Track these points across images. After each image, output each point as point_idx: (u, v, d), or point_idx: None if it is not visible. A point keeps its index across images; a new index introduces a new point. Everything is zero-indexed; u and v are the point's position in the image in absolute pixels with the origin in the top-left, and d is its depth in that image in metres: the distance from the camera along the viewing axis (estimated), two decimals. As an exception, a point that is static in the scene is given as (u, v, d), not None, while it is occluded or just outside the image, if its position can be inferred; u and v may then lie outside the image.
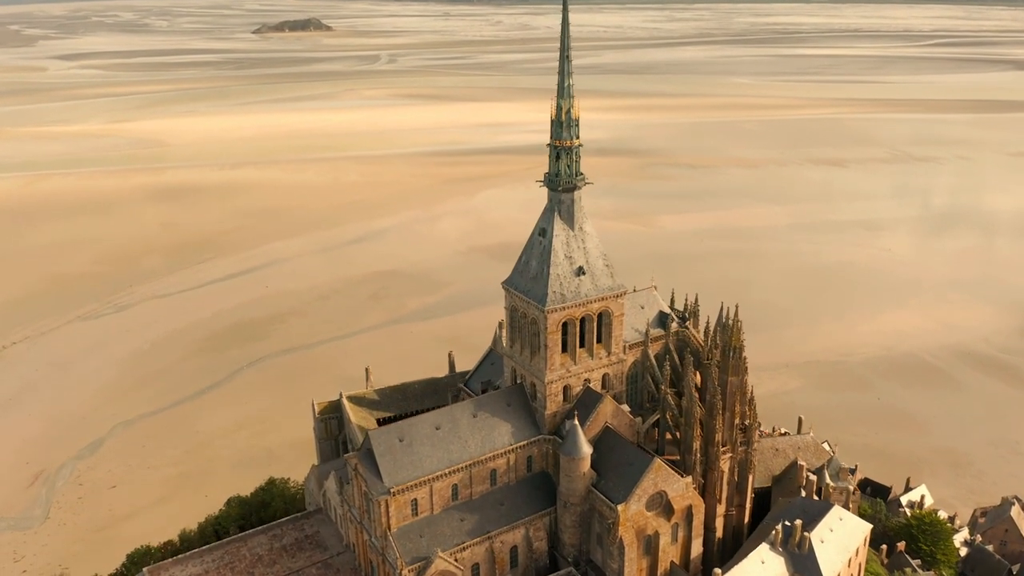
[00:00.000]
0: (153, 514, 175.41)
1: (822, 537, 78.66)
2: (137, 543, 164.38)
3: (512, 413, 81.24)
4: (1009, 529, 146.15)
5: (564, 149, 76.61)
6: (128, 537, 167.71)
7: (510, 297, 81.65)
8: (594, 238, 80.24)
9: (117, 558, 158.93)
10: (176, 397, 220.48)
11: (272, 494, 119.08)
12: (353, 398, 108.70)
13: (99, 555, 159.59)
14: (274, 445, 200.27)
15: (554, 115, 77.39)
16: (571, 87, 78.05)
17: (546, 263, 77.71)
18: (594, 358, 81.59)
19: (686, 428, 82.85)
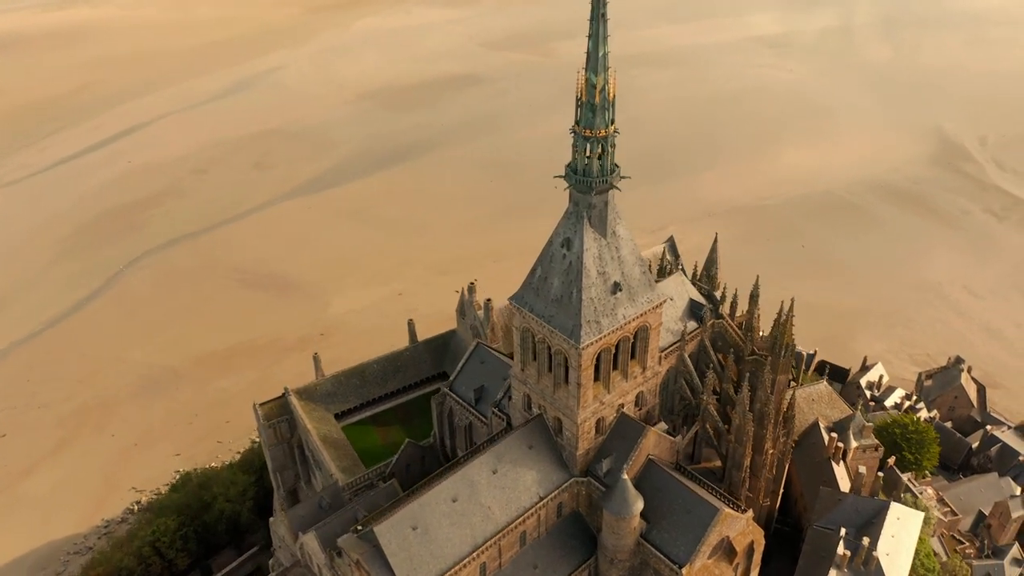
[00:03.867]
0: (55, 465, 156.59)
1: (887, 549, 71.66)
2: (43, 507, 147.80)
3: (535, 456, 67.64)
4: (959, 396, 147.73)
5: (596, 140, 58.21)
6: (32, 500, 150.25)
7: (522, 318, 65.40)
8: (629, 241, 63.90)
9: (24, 535, 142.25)
10: (50, 315, 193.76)
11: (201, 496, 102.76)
12: (302, 392, 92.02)
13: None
14: (177, 362, 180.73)
15: (582, 95, 58.09)
16: (606, 57, 58.51)
17: (575, 284, 61.32)
18: (628, 379, 67.88)
19: (736, 446, 71.71)
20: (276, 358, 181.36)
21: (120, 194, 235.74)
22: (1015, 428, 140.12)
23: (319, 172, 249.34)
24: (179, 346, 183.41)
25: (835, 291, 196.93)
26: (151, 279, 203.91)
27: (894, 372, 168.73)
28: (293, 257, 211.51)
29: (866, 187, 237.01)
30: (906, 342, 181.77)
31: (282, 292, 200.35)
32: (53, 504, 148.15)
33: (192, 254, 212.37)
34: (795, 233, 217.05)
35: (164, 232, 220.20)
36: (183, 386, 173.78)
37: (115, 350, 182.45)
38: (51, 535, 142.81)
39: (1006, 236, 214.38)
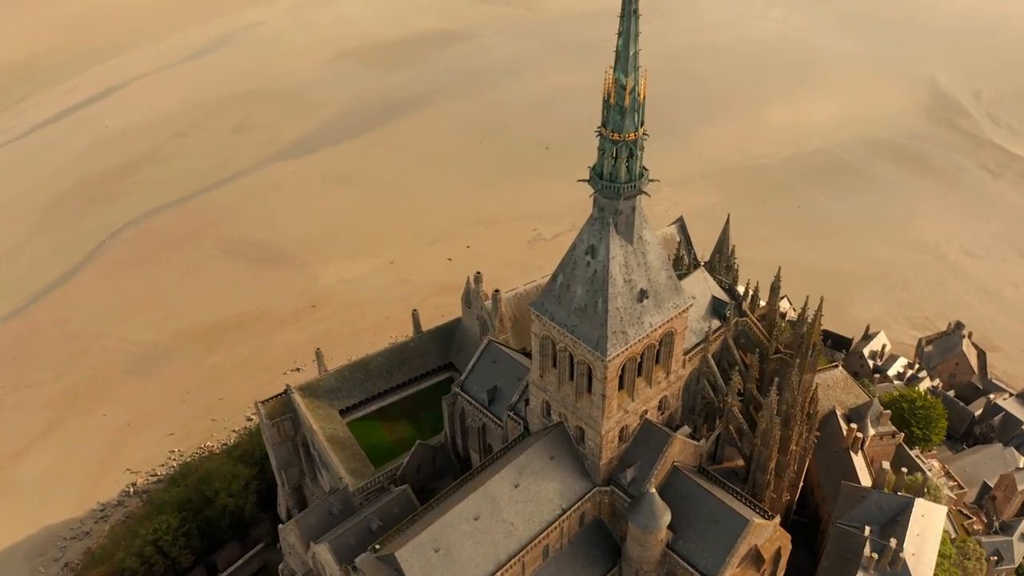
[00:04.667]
0: (47, 447, 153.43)
1: (913, 549, 70.51)
2: (36, 491, 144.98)
3: (556, 467, 65.43)
4: (960, 363, 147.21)
5: (625, 143, 54.79)
6: (25, 484, 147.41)
7: (542, 325, 62.52)
8: (655, 246, 60.79)
9: (18, 520, 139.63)
10: (33, 290, 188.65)
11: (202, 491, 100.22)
12: (305, 389, 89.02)
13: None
14: (167, 338, 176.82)
15: (610, 96, 54.39)
16: (637, 56, 54.76)
17: (601, 294, 58.36)
18: (652, 385, 65.42)
19: (761, 449, 69.72)
20: (267, 332, 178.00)
21: (98, 160, 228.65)
22: (1017, 396, 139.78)
23: (302, 135, 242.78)
24: (168, 321, 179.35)
25: (832, 253, 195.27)
26: (135, 251, 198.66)
27: (893, 336, 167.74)
28: (279, 225, 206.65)
29: (861, 144, 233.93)
30: (904, 305, 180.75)
31: (270, 263, 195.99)
32: (47, 488, 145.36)
33: (175, 224, 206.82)
34: (790, 193, 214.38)
35: (145, 200, 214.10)
36: (174, 363, 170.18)
37: (102, 326, 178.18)
38: (46, 520, 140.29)
39: (1002, 194, 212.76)
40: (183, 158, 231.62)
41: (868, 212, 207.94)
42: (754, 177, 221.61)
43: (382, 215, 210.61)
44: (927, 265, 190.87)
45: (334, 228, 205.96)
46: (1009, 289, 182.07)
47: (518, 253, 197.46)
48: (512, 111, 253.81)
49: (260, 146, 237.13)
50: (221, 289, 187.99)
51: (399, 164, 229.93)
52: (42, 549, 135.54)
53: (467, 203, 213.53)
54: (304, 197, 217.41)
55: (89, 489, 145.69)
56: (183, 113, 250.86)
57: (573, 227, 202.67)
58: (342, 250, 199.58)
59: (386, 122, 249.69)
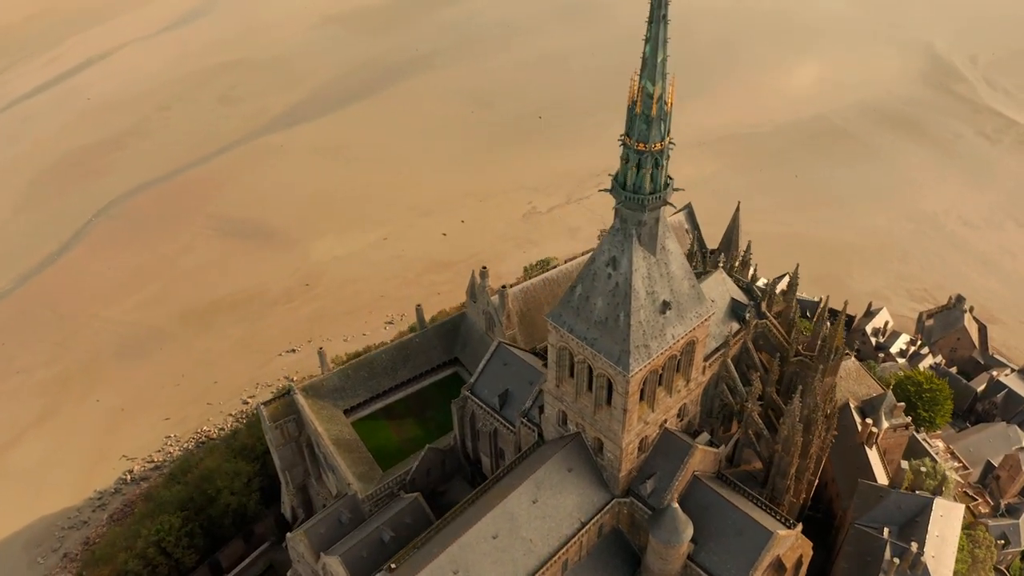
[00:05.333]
0: (41, 435, 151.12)
1: (933, 551, 69.75)
2: (32, 480, 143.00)
3: (575, 479, 63.92)
4: (961, 338, 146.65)
5: (650, 154, 52.38)
6: (20, 473, 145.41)
7: (559, 336, 60.56)
8: (678, 255, 58.63)
9: (15, 510, 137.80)
10: (20, 270, 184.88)
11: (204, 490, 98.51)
12: (309, 389, 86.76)
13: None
14: (159, 320, 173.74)
15: (636, 105, 51.78)
16: (665, 63, 52.17)
17: (623, 307, 56.31)
18: (672, 394, 63.74)
19: (782, 455, 68.35)
20: (261, 312, 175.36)
21: (81, 135, 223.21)
22: (1019, 371, 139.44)
23: (289, 106, 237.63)
24: (159, 302, 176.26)
25: (830, 223, 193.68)
26: (122, 229, 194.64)
27: (893, 309, 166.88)
28: (269, 201, 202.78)
29: (858, 111, 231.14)
30: (903, 276, 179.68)
31: (261, 240, 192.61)
32: (42, 477, 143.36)
33: (162, 201, 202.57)
34: (787, 162, 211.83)
35: (131, 177, 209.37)
36: (166, 346, 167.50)
37: (92, 308, 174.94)
38: (43, 509, 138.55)
39: (999, 161, 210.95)
40: (168, 131, 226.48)
41: (866, 181, 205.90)
42: (750, 146, 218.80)
43: (374, 188, 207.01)
44: (925, 236, 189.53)
45: (325, 202, 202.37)
46: (1008, 260, 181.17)
47: (513, 227, 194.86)
48: (504, 77, 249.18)
49: (247, 118, 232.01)
50: (212, 268, 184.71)
51: (389, 135, 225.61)
52: (40, 539, 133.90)
53: (460, 175, 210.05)
54: (294, 170, 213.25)
55: (85, 477, 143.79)
56: (166, 84, 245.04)
57: (568, 200, 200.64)
58: (334, 225, 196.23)
59: (375, 91, 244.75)
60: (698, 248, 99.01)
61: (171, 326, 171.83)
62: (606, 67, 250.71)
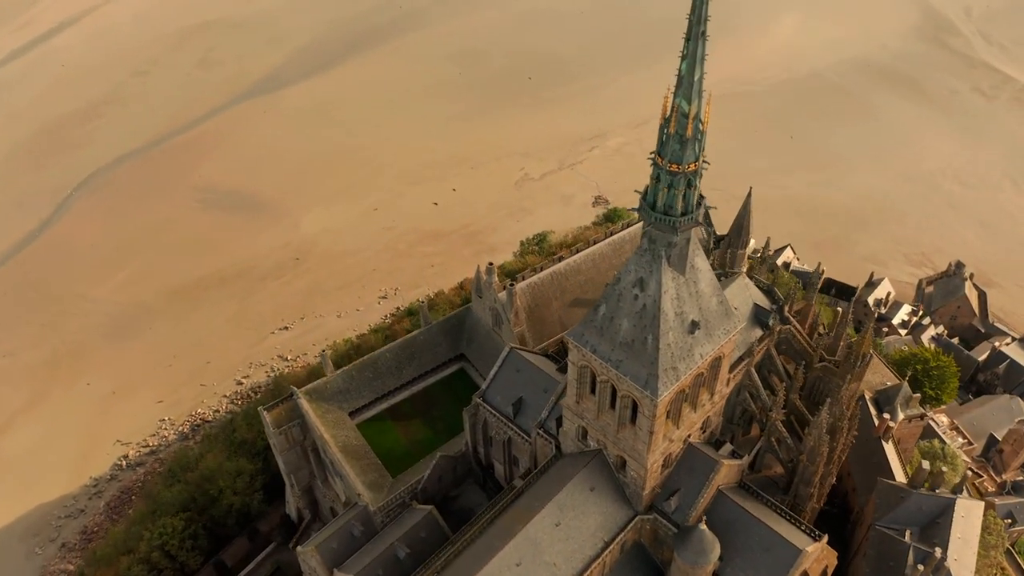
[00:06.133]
0: (32, 420, 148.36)
1: (956, 554, 69.00)
2: (25, 468, 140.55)
3: (597, 498, 62.22)
4: (962, 306, 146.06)
5: (683, 175, 49.61)
6: (12, 461, 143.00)
7: (581, 356, 58.31)
8: (707, 273, 56.12)
9: (10, 500, 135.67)
10: (1, 248, 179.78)
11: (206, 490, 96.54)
12: (312, 393, 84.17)
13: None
14: (147, 298, 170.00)
15: (670, 125, 48.77)
16: (702, 81, 49.08)
17: (651, 330, 53.96)
18: (697, 409, 61.84)
19: (808, 464, 66.85)
20: (251, 288, 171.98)
21: (55, 105, 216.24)
22: (1019, 340, 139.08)
23: (271, 69, 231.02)
24: (146, 280, 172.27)
25: (827, 185, 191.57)
26: (104, 203, 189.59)
27: (891, 275, 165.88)
28: (254, 170, 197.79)
29: (853, 67, 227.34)
30: (900, 240, 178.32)
31: (248, 212, 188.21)
32: (35, 464, 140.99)
33: (144, 173, 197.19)
34: (783, 122, 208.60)
35: (110, 148, 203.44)
36: (156, 325, 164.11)
37: (78, 287, 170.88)
38: (38, 498, 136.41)
39: (996, 118, 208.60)
40: (146, 99, 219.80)
41: (862, 141, 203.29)
42: (745, 105, 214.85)
43: (362, 155, 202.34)
44: (922, 197, 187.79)
45: (312, 171, 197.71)
46: (1005, 221, 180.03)
47: (506, 195, 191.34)
48: (490, 36, 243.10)
49: (227, 82, 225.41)
50: (198, 243, 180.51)
51: (376, 98, 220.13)
52: (37, 529, 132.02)
53: (450, 141, 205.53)
54: (278, 137, 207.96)
55: (80, 463, 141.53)
56: (142, 47, 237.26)
57: (561, 165, 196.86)
58: (323, 195, 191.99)
59: (359, 51, 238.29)
60: (709, 236, 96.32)
61: (159, 304, 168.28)
62: (597, 28, 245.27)
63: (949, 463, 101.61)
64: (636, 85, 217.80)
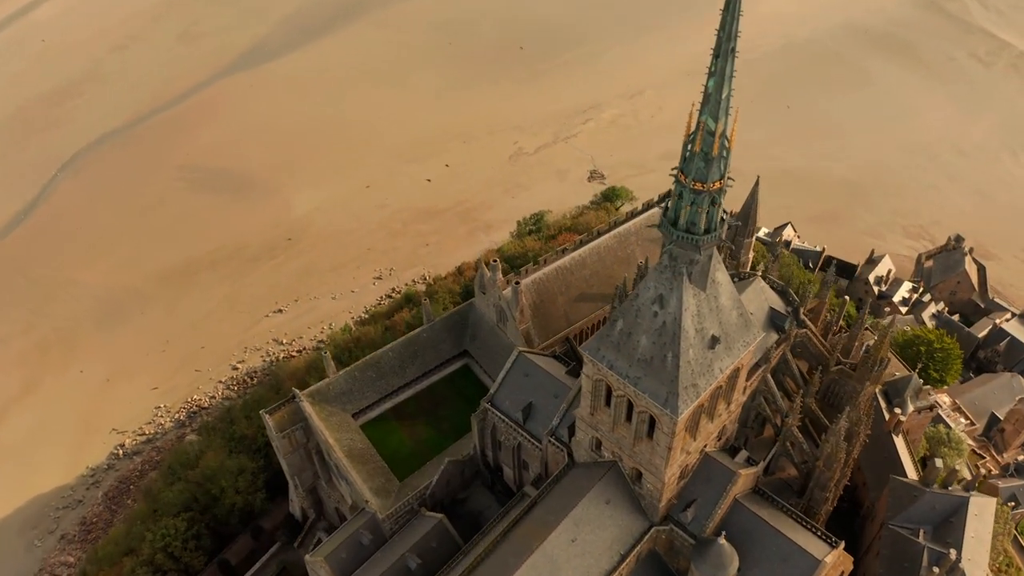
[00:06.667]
0: (25, 409, 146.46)
1: (970, 554, 68.63)
2: (20, 459, 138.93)
3: (613, 511, 61.26)
4: (961, 281, 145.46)
5: (708, 193, 47.84)
6: (6, 451, 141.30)
7: (597, 371, 56.94)
8: (727, 286, 54.55)
9: (6, 491, 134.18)
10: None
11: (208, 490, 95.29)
12: (315, 395, 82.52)
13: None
14: (137, 282, 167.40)
15: (695, 143, 46.85)
16: (730, 98, 47.07)
17: (671, 348, 52.49)
18: (715, 420, 60.72)
19: (824, 470, 66.01)
20: (243, 270, 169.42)
21: (35, 83, 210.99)
22: (1019, 316, 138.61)
23: (254, 42, 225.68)
24: (135, 263, 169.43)
25: (824, 157, 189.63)
26: (89, 185, 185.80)
27: (889, 249, 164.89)
28: (242, 148, 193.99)
29: (849, 32, 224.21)
30: (898, 212, 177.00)
31: (237, 192, 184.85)
32: (30, 454, 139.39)
33: (128, 152, 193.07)
34: (779, 91, 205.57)
35: (92, 127, 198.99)
36: (148, 309, 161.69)
37: (66, 271, 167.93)
38: (35, 489, 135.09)
39: (993, 85, 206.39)
40: (127, 75, 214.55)
41: (859, 110, 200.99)
42: (741, 73, 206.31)
43: (351, 131, 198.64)
44: (920, 168, 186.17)
45: (301, 148, 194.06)
46: (1003, 192, 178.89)
47: (500, 171, 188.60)
48: (480, 3, 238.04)
49: (210, 56, 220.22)
50: (187, 224, 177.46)
51: (363, 71, 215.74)
52: (35, 521, 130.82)
53: (441, 114, 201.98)
54: (265, 113, 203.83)
55: (76, 453, 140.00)
56: (120, 23, 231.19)
57: (555, 139, 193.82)
58: (314, 174, 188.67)
59: (345, 22, 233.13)
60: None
61: (150, 288, 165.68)
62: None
63: (954, 447, 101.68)
64: (630, 54, 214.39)
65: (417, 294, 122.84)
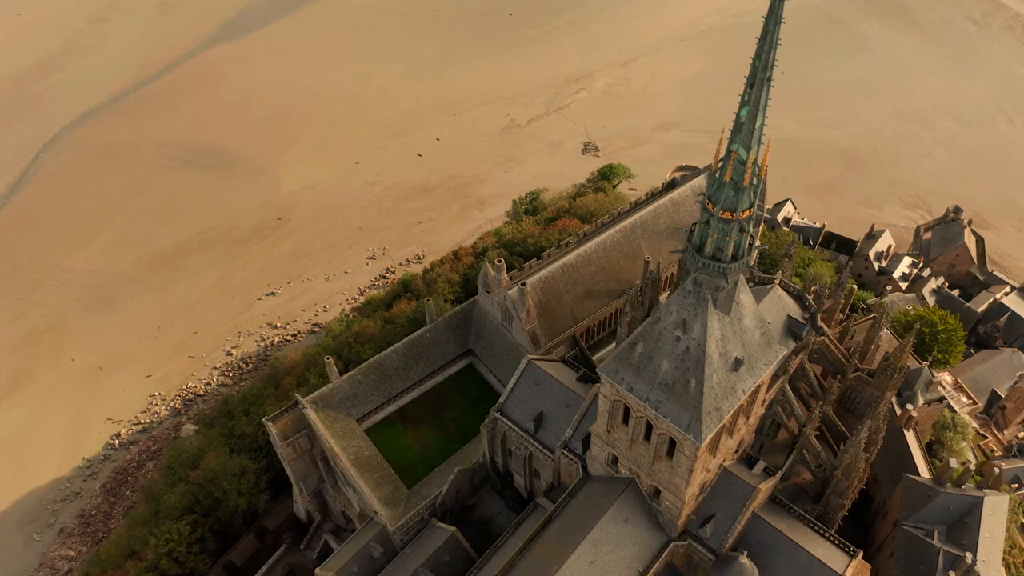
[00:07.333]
0: (18, 401, 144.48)
1: (984, 555, 68.37)
2: (15, 452, 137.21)
3: (631, 529, 60.29)
4: (960, 254, 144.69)
5: (737, 222, 46.03)
6: (0, 444, 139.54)
7: (615, 392, 55.60)
8: (750, 307, 53.00)
9: (2, 486, 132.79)
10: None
11: (211, 493, 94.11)
12: (318, 401, 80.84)
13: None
14: (126, 266, 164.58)
15: (726, 174, 44.87)
16: (763, 127, 44.96)
17: (694, 374, 50.72)
18: (734, 435, 59.62)
19: (842, 479, 65.18)
20: (233, 252, 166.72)
21: (11, 59, 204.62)
22: (1019, 289, 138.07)
23: (235, 9, 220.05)
24: (123, 247, 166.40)
25: (819, 125, 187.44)
26: (73, 166, 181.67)
27: (886, 219, 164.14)
28: (227, 123, 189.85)
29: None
30: (895, 182, 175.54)
31: (225, 169, 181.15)
32: (25, 447, 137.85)
33: (111, 130, 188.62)
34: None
35: (74, 103, 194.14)
36: (138, 295, 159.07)
37: (53, 256, 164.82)
38: (31, 482, 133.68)
39: (989, 48, 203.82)
40: (107, 48, 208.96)
41: (854, 76, 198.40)
42: (734, 39, 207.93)
43: (339, 104, 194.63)
44: (916, 135, 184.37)
45: (288, 124, 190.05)
46: (1000, 158, 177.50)
47: (492, 143, 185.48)
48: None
49: (191, 27, 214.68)
50: (174, 204, 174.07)
51: (351, 39, 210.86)
52: (33, 515, 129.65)
53: (431, 85, 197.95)
54: (250, 87, 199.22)
55: (71, 444, 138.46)
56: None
57: (547, 110, 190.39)
58: (302, 149, 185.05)
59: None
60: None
61: (138, 272, 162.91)
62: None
63: (959, 432, 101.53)
64: (621, 19, 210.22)
65: (414, 280, 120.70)
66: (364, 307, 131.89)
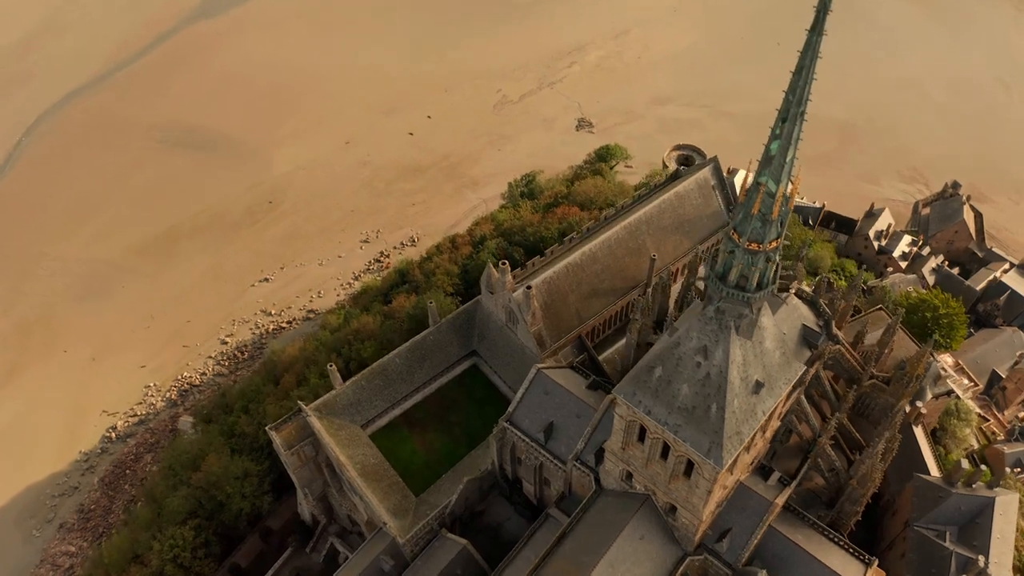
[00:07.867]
0: (11, 394, 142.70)
1: (996, 557, 68.33)
2: (10, 446, 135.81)
3: (647, 546, 59.72)
4: (959, 230, 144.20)
5: (763, 253, 44.71)
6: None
7: (631, 413, 54.65)
8: (771, 329, 51.91)
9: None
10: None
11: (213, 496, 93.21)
12: (322, 408, 79.56)
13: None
14: (116, 254, 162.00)
15: (753, 205, 43.44)
16: (794, 160, 43.42)
17: (715, 400, 49.92)
18: (751, 450, 58.91)
19: (857, 487, 64.73)
20: (225, 237, 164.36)
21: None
22: (1018, 266, 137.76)
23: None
24: (113, 234, 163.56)
25: (815, 96, 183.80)
26: (59, 149, 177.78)
27: (884, 193, 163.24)
28: (216, 102, 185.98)
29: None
30: (892, 154, 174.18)
31: (213, 151, 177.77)
32: (20, 441, 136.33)
33: (96, 112, 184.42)
34: (767, 27, 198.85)
35: (56, 84, 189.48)
36: (129, 283, 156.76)
37: (41, 245, 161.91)
38: (29, 478, 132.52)
39: (984, 12, 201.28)
40: (87, 24, 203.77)
41: (850, 45, 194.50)
42: (728, 9, 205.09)
43: (327, 82, 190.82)
44: (912, 105, 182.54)
45: (277, 103, 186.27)
46: (996, 129, 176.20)
47: (484, 121, 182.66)
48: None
49: (172, 1, 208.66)
50: (163, 189, 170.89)
51: (333, 18, 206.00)
52: (32, 511, 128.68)
53: (420, 62, 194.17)
54: (237, 65, 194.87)
55: (67, 438, 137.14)
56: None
57: (540, 85, 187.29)
58: (291, 130, 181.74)
59: None
60: (726, 206, 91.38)
61: (129, 260, 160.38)
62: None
63: (963, 418, 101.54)
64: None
65: (412, 271, 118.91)
66: (360, 295, 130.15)
